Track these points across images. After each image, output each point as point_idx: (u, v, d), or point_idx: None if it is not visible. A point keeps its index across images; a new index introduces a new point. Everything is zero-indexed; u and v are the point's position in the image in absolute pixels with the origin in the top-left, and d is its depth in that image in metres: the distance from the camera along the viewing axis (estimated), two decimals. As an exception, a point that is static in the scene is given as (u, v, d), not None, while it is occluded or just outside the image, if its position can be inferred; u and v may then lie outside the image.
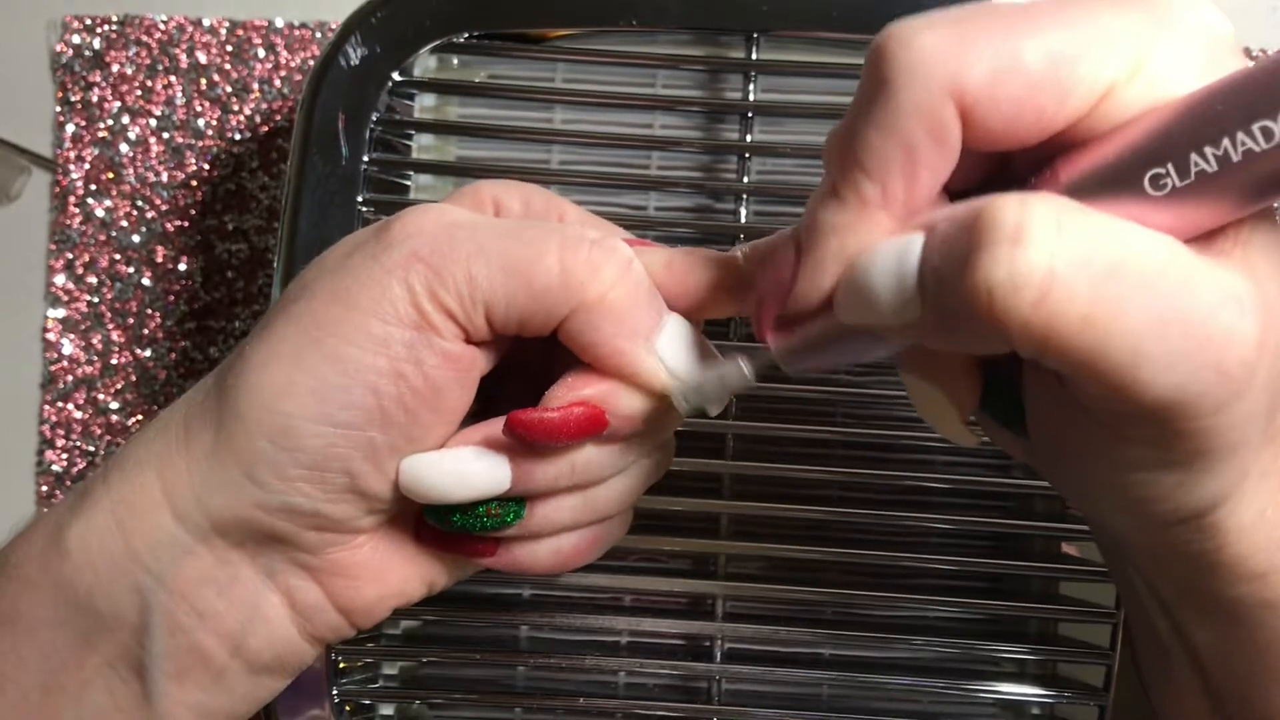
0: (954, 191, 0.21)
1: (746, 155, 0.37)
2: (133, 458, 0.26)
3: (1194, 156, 0.18)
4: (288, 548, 0.26)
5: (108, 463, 0.26)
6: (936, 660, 0.37)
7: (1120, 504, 0.22)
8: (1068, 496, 0.24)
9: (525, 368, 0.28)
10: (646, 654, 0.37)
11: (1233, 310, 0.18)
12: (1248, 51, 0.45)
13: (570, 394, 0.25)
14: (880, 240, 0.20)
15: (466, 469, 0.25)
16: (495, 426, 0.25)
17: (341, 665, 0.36)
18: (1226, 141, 0.18)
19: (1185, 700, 0.26)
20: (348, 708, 0.36)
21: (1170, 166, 0.18)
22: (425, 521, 0.27)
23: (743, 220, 0.36)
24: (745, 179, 0.36)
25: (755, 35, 0.36)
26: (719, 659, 0.36)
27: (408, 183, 0.38)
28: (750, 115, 0.37)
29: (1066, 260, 0.18)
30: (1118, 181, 0.19)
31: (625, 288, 0.25)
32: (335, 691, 0.36)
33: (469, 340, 0.25)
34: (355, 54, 0.36)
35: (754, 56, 0.36)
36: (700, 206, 0.38)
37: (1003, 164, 0.22)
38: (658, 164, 0.38)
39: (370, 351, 0.24)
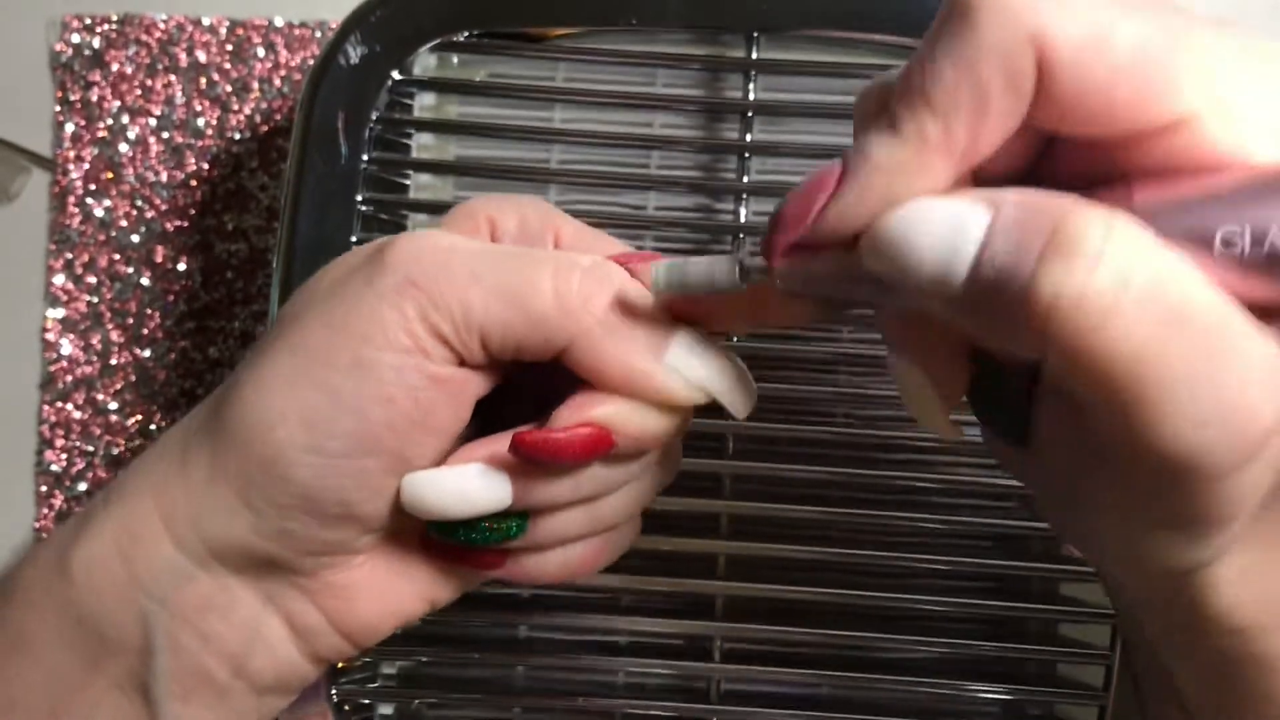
0: (991, 176, 0.21)
1: (746, 155, 0.37)
2: (133, 483, 0.26)
3: (1274, 230, 0.17)
4: (286, 572, 0.26)
5: (110, 486, 0.27)
6: (936, 660, 0.37)
7: (1113, 551, 0.22)
8: (1056, 528, 0.23)
9: (528, 384, 0.28)
10: (645, 653, 0.37)
11: (1265, 387, 0.18)
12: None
13: (577, 415, 0.25)
14: (930, 195, 0.19)
15: (467, 486, 0.25)
16: (499, 444, 0.25)
17: (340, 665, 0.36)
18: None
19: None
20: (346, 707, 0.36)
21: (1247, 230, 0.18)
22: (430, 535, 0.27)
23: (743, 220, 0.36)
24: (745, 178, 0.36)
25: (755, 34, 0.36)
26: (718, 659, 0.36)
27: (407, 182, 0.38)
28: (750, 114, 0.37)
29: (1134, 299, 0.17)
30: (1189, 227, 0.18)
31: (621, 311, 0.25)
32: (334, 691, 0.36)
33: (462, 363, 0.25)
34: (355, 53, 0.36)
35: (754, 55, 0.36)
36: (700, 206, 0.38)
37: (1048, 162, 0.21)
38: (657, 163, 0.38)
39: (357, 378, 0.24)
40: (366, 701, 0.37)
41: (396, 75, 0.36)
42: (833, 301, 0.23)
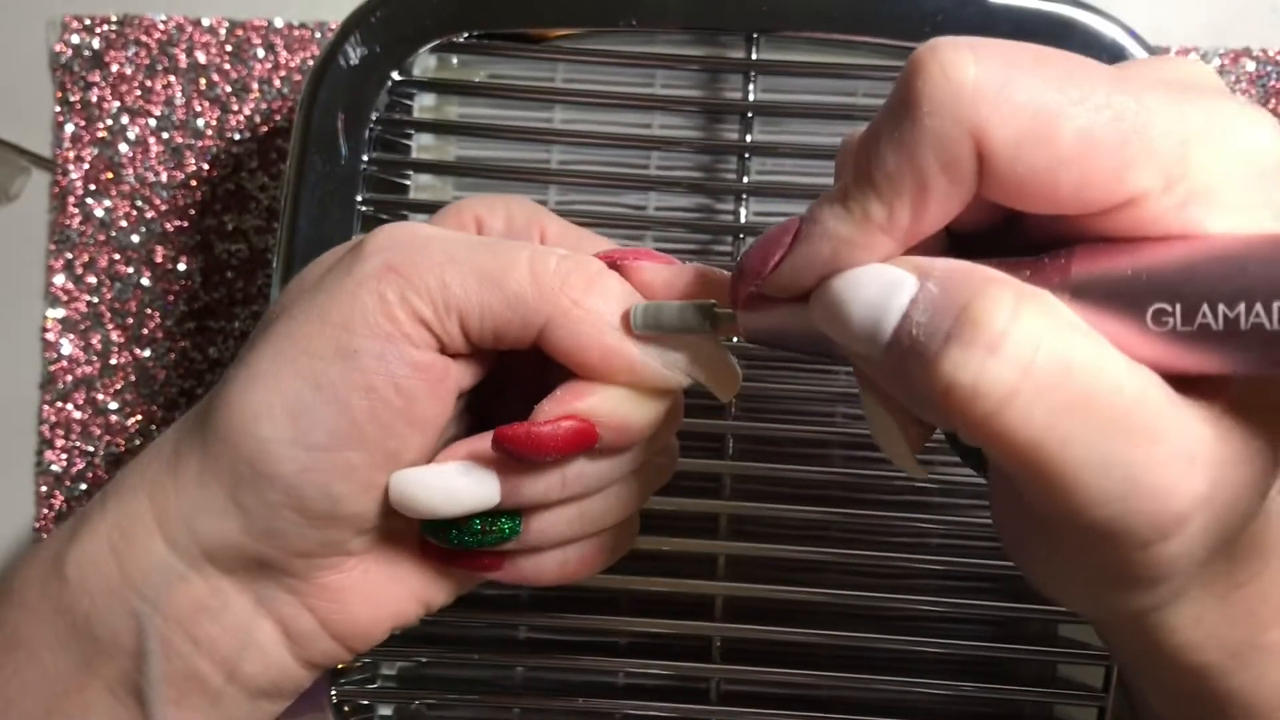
0: (962, 231, 0.21)
1: (746, 155, 0.37)
2: (128, 483, 0.26)
3: (1204, 307, 0.17)
4: (277, 573, 0.26)
5: (106, 488, 0.27)
6: (935, 660, 0.37)
7: (1063, 594, 0.22)
8: (1014, 562, 0.23)
9: (521, 384, 0.28)
10: (645, 654, 0.37)
11: (1181, 466, 0.18)
12: (1248, 51, 0.45)
13: (559, 408, 0.25)
14: (872, 263, 0.20)
15: (453, 484, 0.25)
16: (483, 441, 0.25)
17: (340, 666, 0.36)
18: (1242, 306, 0.17)
19: None
20: (346, 708, 0.36)
21: (1178, 308, 0.18)
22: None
23: (743, 220, 0.36)
24: (745, 179, 0.36)
25: (755, 35, 0.36)
26: (717, 659, 0.36)
27: (407, 182, 0.38)
28: (750, 115, 0.37)
29: (1034, 385, 0.17)
30: (1123, 300, 0.18)
31: (597, 293, 0.25)
32: (334, 692, 0.36)
33: (443, 350, 0.25)
34: (355, 54, 0.36)
35: (754, 56, 0.36)
36: (700, 206, 0.38)
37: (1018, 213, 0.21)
38: (657, 164, 0.38)
39: (340, 367, 0.24)
40: (366, 702, 0.37)
41: (396, 76, 0.36)
42: (796, 347, 0.24)
